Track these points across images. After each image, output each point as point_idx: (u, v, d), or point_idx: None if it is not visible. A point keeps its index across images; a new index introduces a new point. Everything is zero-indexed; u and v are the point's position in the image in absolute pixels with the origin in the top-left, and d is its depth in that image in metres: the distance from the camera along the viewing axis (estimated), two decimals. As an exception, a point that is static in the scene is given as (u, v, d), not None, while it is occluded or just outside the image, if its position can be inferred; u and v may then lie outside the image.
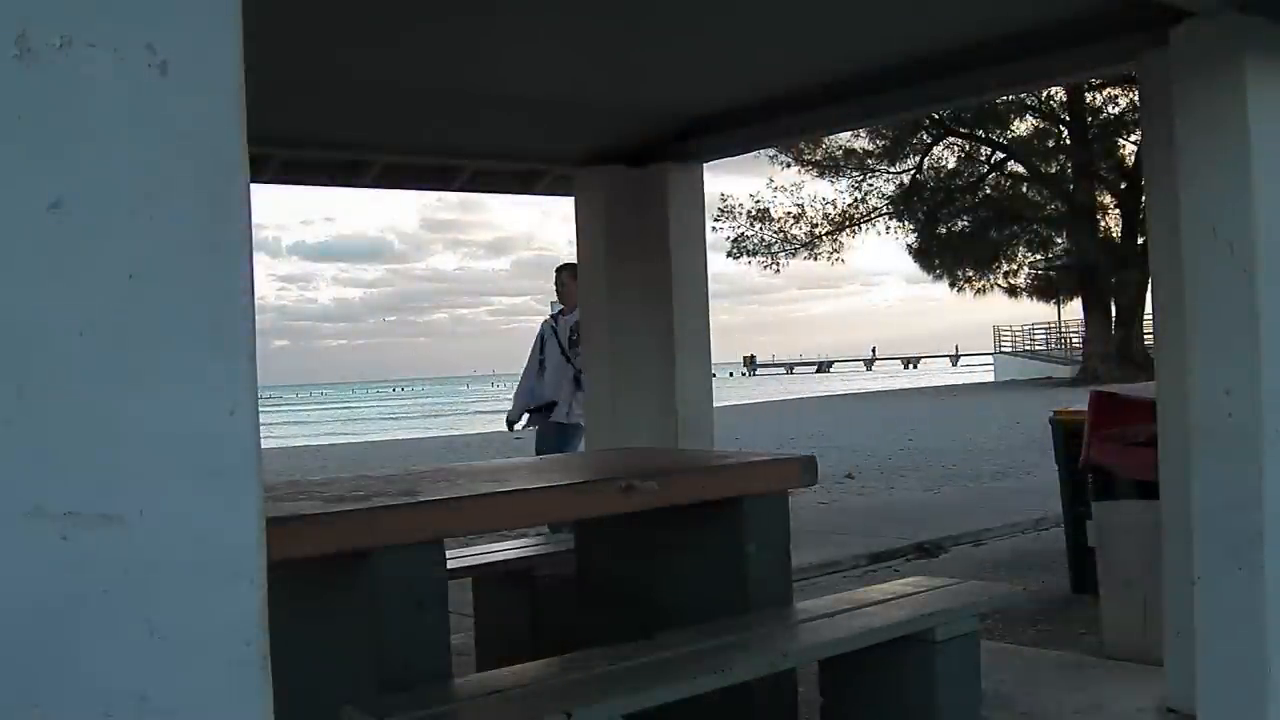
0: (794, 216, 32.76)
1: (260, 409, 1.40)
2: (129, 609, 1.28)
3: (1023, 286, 34.64)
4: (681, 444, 5.54)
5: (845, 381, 69.89)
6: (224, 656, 1.34)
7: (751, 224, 32.78)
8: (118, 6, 1.28)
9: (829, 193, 60.87)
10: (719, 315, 10.13)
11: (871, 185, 32.42)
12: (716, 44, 4.44)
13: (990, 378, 43.39)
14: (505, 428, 7.58)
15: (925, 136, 30.91)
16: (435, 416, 44.74)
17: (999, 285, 34.23)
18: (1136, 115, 20.24)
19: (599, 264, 5.82)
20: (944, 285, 35.04)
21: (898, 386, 50.04)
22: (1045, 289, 35.33)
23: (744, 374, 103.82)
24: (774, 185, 34.32)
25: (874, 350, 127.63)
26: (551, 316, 7.33)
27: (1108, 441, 5.09)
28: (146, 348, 1.30)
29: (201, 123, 1.33)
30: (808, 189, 67.10)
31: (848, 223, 33.05)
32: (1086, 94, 29.07)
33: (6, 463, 1.21)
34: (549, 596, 4.29)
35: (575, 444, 6.92)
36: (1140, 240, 27.06)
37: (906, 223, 32.95)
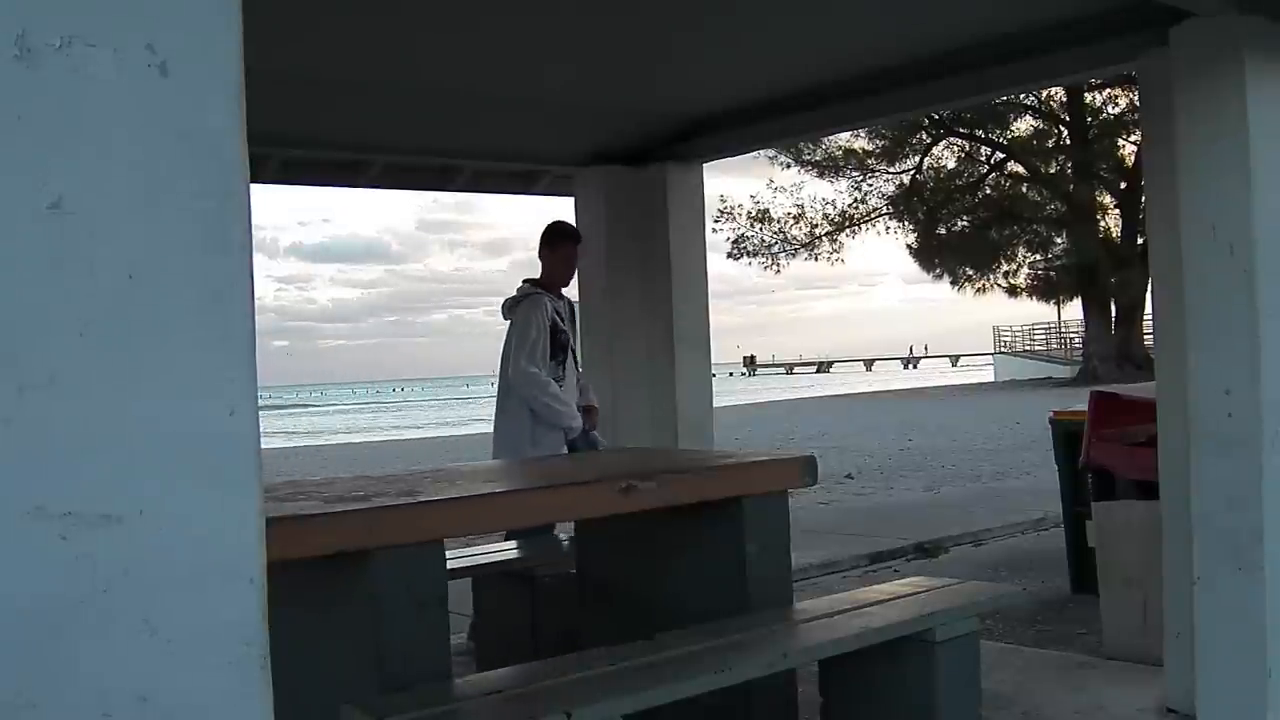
0: (794, 217, 32.76)
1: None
2: (129, 609, 1.27)
3: (1023, 286, 34.63)
4: (681, 444, 5.55)
5: (845, 383, 69.87)
6: (224, 656, 1.34)
7: (751, 225, 32.77)
8: (118, 6, 1.28)
9: (829, 193, 60.85)
10: (719, 315, 10.08)
11: (871, 185, 32.43)
12: (716, 44, 4.44)
13: (990, 378, 43.38)
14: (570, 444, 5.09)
15: (925, 136, 30.89)
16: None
17: (999, 285, 34.24)
18: (1136, 115, 20.24)
19: (599, 264, 5.82)
20: (944, 285, 35.07)
21: (897, 387, 50.02)
22: (1045, 289, 35.30)
23: (744, 374, 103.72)
24: (774, 186, 34.35)
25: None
26: (544, 292, 5.17)
27: (1108, 441, 5.09)
28: (146, 348, 1.30)
29: (201, 123, 1.33)
30: (808, 189, 67.14)
31: (847, 223, 33.03)
32: (1086, 94, 29.06)
33: (6, 463, 1.21)
34: (549, 596, 4.29)
35: None
36: (1140, 240, 27.05)
37: (906, 223, 32.94)
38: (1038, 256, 33.90)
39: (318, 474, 12.48)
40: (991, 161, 32.29)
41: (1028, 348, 43.97)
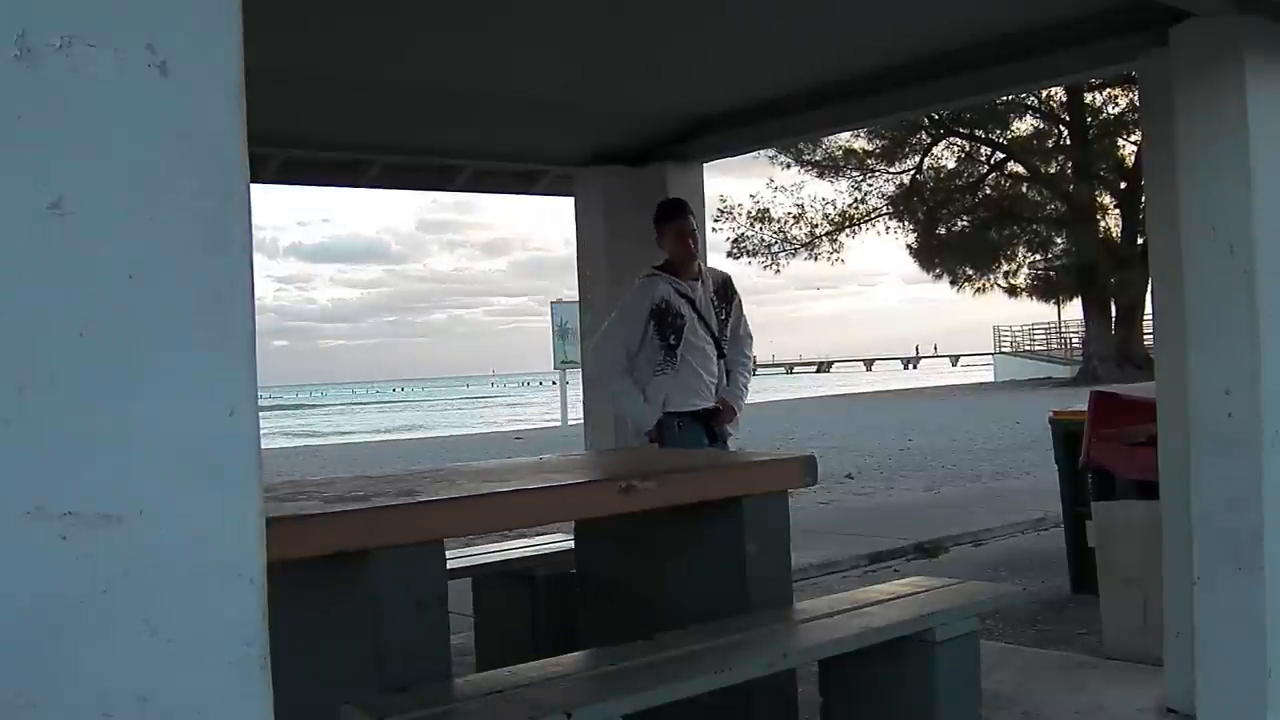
0: (794, 217, 32.76)
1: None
2: (129, 609, 1.27)
3: (1023, 286, 34.63)
4: (681, 444, 5.53)
5: (845, 382, 69.84)
6: (224, 656, 1.34)
7: (751, 224, 32.76)
8: (118, 6, 1.28)
9: (829, 193, 60.84)
10: (719, 315, 10.04)
11: (871, 185, 32.44)
12: (716, 45, 4.44)
13: (990, 378, 43.37)
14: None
15: (925, 136, 30.90)
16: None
17: (999, 285, 34.24)
18: (1136, 115, 20.25)
19: (599, 264, 5.82)
20: (944, 285, 35.09)
21: (897, 387, 50.00)
22: (1045, 289, 35.30)
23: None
24: (774, 185, 34.30)
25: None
26: (661, 274, 5.00)
27: (1108, 441, 5.09)
28: (146, 348, 1.30)
29: (201, 123, 1.33)
30: (808, 189, 67.10)
31: (847, 223, 33.03)
32: (1086, 94, 29.06)
33: (6, 463, 1.21)
34: (549, 596, 4.29)
35: None
36: (1140, 240, 27.05)
37: (906, 223, 32.93)
38: (1038, 256, 33.90)
39: (318, 474, 12.48)
40: (991, 161, 32.29)
41: (1028, 348, 43.96)
